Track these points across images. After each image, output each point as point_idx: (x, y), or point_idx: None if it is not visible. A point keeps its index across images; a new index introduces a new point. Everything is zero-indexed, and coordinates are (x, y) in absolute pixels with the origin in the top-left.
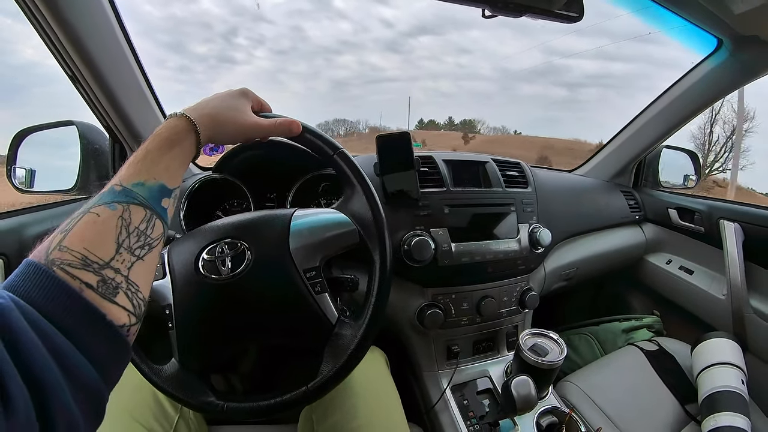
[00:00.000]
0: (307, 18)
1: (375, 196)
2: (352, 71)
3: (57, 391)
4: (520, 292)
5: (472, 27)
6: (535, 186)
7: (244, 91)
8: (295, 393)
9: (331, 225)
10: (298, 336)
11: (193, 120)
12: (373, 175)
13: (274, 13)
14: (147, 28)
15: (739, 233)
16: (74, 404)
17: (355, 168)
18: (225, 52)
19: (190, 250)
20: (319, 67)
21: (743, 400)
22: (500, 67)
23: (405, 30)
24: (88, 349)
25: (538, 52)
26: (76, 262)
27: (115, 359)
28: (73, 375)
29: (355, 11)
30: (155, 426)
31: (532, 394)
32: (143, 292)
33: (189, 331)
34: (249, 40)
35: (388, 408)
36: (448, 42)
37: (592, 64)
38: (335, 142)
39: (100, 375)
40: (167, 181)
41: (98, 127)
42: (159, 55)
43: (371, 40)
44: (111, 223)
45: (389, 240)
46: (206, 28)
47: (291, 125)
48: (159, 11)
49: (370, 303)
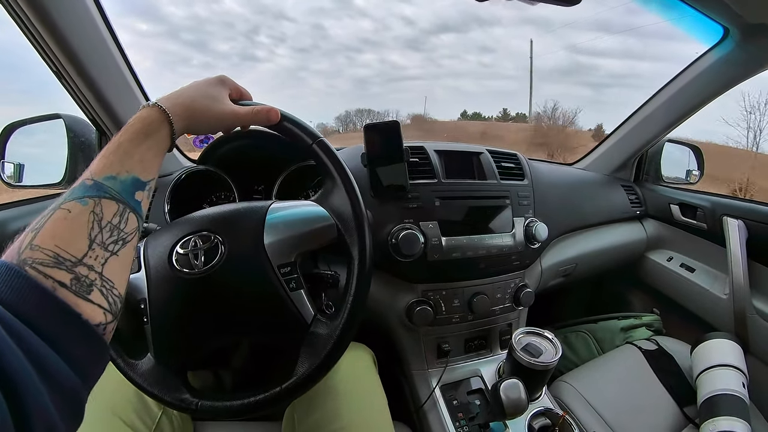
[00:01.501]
0: (329, 16)
1: (356, 190)
2: (374, 69)
3: (33, 393)
4: (515, 288)
5: (495, 25)
6: (532, 179)
7: (221, 78)
8: (269, 393)
9: (309, 219)
10: (273, 334)
11: (166, 110)
12: (360, 167)
13: (295, 12)
14: (171, 28)
15: (743, 231)
16: (52, 406)
17: (335, 159)
18: (247, 50)
19: (164, 244)
20: (341, 65)
21: (743, 404)
22: (524, 66)
23: (426, 28)
24: (64, 350)
25: (563, 50)
26: (48, 260)
27: (93, 359)
28: (50, 377)
29: (376, 9)
30: (137, 422)
31: (523, 399)
32: (119, 289)
33: (163, 326)
34: (270, 38)
35: (372, 408)
36: (471, 40)
37: (618, 63)
38: (315, 131)
39: (78, 376)
40: (140, 173)
41: (85, 120)
42: (184, 54)
43: (392, 38)
44: (82, 219)
45: (369, 236)
46: (228, 27)
47: (269, 113)
48: (182, 11)
49: (347, 302)
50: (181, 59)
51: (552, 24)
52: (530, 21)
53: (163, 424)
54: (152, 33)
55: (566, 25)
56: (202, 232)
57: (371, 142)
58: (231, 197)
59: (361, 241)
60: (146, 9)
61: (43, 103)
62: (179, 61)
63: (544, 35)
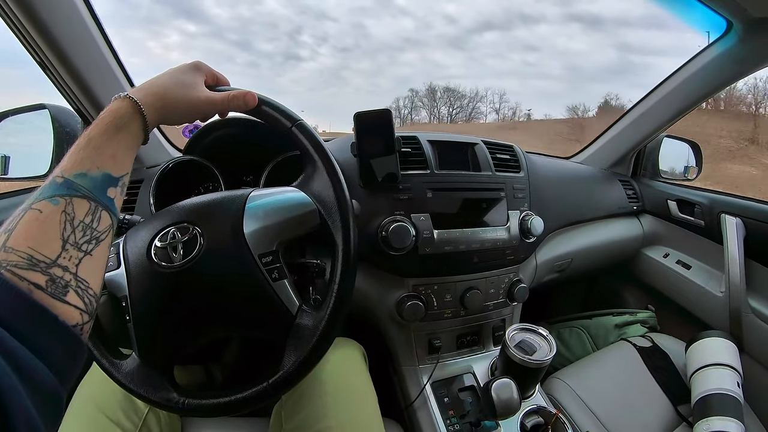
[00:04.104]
0: (370, 15)
1: (337, 172)
2: (415, 68)
3: (14, 394)
4: (509, 283)
5: (540, 22)
6: (528, 171)
7: (196, 64)
8: (256, 389)
9: (290, 206)
10: (259, 327)
11: (138, 101)
12: (350, 157)
13: (337, 11)
14: (217, 29)
15: (741, 229)
16: (32, 407)
17: (316, 141)
18: (290, 50)
19: (143, 237)
20: (382, 64)
21: (737, 404)
22: (571, 65)
23: (469, 26)
24: (42, 352)
25: (613, 48)
26: (22, 262)
27: (71, 360)
28: (30, 379)
29: (418, 8)
30: (123, 420)
31: (515, 399)
32: (94, 288)
33: (146, 323)
34: (313, 37)
35: (362, 406)
36: (515, 38)
37: (674, 61)
38: (293, 114)
39: (57, 377)
40: (112, 169)
41: (70, 110)
42: (229, 53)
43: (434, 37)
44: (54, 219)
45: (353, 221)
46: (272, 27)
47: (245, 97)
48: (227, 13)
49: (333, 291)
50: (226, 58)
51: (601, 21)
52: (577, 18)
53: (149, 422)
54: (199, 33)
55: (617, 23)
56: (181, 223)
57: (361, 132)
58: (218, 188)
59: (345, 226)
60: (193, 11)
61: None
62: (225, 59)
63: (591, 33)
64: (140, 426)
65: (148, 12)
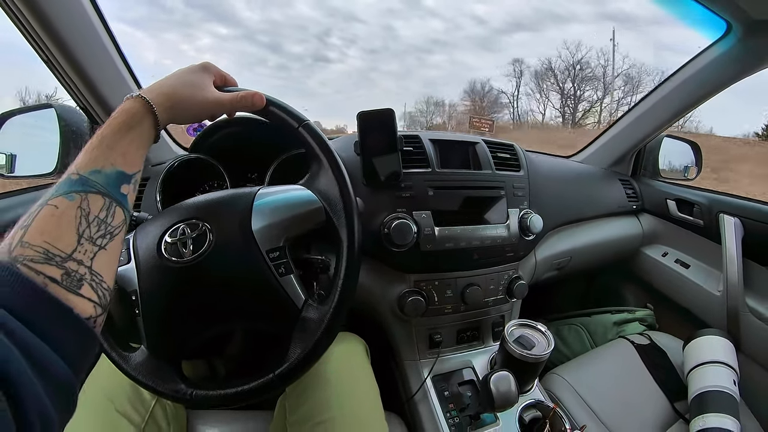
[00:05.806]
0: (398, 17)
1: (342, 171)
2: (444, 70)
3: (28, 385)
4: (508, 280)
5: (572, 21)
6: (527, 170)
7: (205, 65)
8: (262, 380)
9: (296, 203)
10: (265, 320)
11: (149, 101)
12: (354, 156)
13: (365, 14)
14: (248, 32)
15: (739, 228)
16: (46, 398)
17: (322, 141)
18: (319, 52)
19: (153, 233)
20: (411, 66)
21: (734, 402)
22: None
23: (499, 27)
24: (56, 344)
25: (650, 47)
26: (38, 256)
27: (84, 352)
28: (44, 370)
29: (446, 9)
30: (130, 411)
31: (513, 391)
32: (107, 282)
33: (155, 316)
34: (342, 39)
35: (364, 399)
36: (546, 39)
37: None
38: (300, 114)
39: (71, 368)
40: (125, 166)
41: (77, 109)
42: (260, 55)
43: (463, 38)
44: (70, 214)
45: (357, 217)
46: (301, 29)
47: (253, 98)
48: (258, 16)
49: (337, 285)
50: (258, 60)
51: (635, 20)
52: (610, 17)
53: (156, 413)
54: (231, 36)
55: (652, 23)
56: (190, 220)
57: (364, 131)
58: (224, 186)
59: (349, 223)
60: (225, 15)
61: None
62: (256, 62)
63: (625, 32)
64: (147, 418)
65: (182, 16)
